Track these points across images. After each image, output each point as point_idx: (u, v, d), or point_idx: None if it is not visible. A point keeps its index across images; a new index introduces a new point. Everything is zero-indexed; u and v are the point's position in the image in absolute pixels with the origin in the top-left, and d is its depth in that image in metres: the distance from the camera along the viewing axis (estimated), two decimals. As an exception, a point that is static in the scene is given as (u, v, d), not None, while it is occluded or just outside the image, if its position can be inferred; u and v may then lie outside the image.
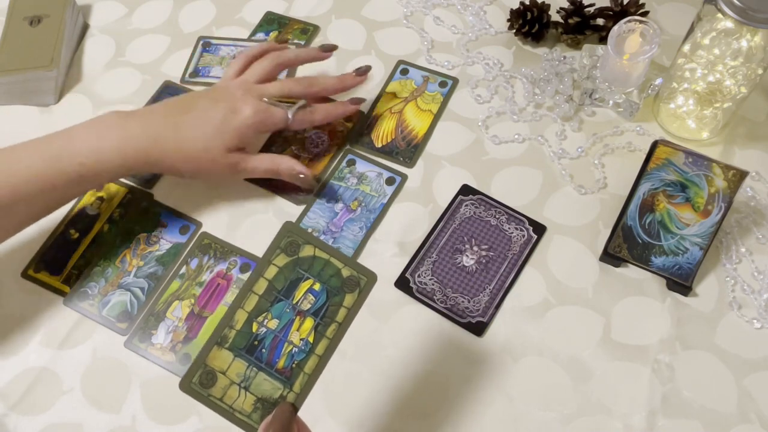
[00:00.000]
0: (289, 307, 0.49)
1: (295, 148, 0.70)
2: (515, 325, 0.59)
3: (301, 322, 0.49)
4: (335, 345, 0.48)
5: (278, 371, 0.47)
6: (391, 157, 0.69)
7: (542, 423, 0.55)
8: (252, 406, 0.47)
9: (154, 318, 0.61)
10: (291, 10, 0.82)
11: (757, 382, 0.56)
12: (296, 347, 0.48)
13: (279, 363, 0.48)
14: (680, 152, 0.61)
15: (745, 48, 0.59)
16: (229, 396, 0.47)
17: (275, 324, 0.48)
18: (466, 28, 0.79)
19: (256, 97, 0.62)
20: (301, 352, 0.48)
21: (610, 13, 0.75)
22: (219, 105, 0.60)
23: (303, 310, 0.49)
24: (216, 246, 0.64)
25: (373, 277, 0.49)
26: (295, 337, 0.48)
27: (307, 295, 0.49)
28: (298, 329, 0.48)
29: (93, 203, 0.68)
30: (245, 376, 0.47)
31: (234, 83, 0.63)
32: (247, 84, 0.63)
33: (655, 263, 0.60)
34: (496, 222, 0.64)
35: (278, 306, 0.49)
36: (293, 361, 0.48)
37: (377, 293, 0.59)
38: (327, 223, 0.65)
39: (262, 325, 0.48)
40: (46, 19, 0.78)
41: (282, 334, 0.48)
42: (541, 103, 0.72)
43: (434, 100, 0.73)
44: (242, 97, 0.61)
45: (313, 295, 0.49)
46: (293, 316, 0.49)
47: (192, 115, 0.60)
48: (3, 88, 0.74)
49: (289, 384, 0.47)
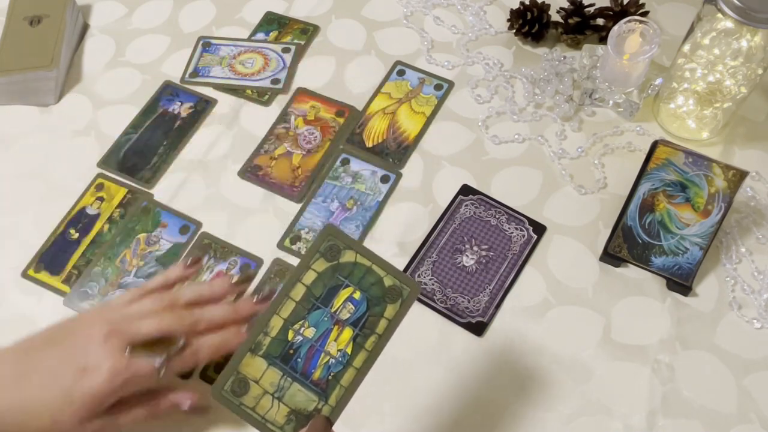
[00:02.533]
0: (327, 316, 0.46)
1: (287, 144, 0.70)
2: (515, 325, 0.59)
3: (339, 332, 0.46)
4: (374, 358, 0.46)
5: (313, 382, 0.46)
6: (381, 158, 0.69)
7: (542, 423, 0.55)
8: (285, 417, 0.45)
9: None
10: (291, 10, 0.82)
11: (757, 382, 0.56)
12: (333, 358, 0.46)
13: (315, 374, 0.46)
14: (680, 152, 0.61)
15: (745, 48, 0.59)
16: (262, 406, 0.45)
17: (312, 333, 0.46)
18: (466, 28, 0.79)
19: (119, 344, 0.49)
20: (339, 364, 0.46)
21: (610, 13, 0.75)
22: (68, 363, 0.48)
23: (342, 320, 0.46)
24: (216, 246, 0.64)
25: (416, 288, 0.47)
26: (332, 348, 0.46)
27: (347, 303, 0.47)
28: (336, 339, 0.46)
29: (93, 203, 0.68)
30: (279, 386, 0.46)
31: (100, 318, 0.51)
32: (114, 324, 0.50)
33: (655, 263, 0.60)
34: (496, 222, 0.64)
35: (316, 314, 0.46)
36: (329, 372, 0.46)
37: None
38: (323, 223, 0.65)
39: (298, 333, 0.46)
40: (46, 19, 0.78)
41: (319, 344, 0.46)
42: (541, 103, 0.72)
43: (428, 103, 0.73)
44: (100, 347, 0.48)
45: (353, 304, 0.47)
46: (331, 326, 0.46)
47: (36, 377, 0.48)
48: (3, 88, 0.74)
49: (324, 396, 0.45)
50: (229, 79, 0.76)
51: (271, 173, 0.69)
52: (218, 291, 0.55)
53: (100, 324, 0.50)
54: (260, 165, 0.69)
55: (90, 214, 0.67)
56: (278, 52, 0.78)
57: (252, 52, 0.78)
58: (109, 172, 0.70)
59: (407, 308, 0.47)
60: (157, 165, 0.70)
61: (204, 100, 0.75)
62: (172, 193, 0.68)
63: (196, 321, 0.52)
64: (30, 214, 0.67)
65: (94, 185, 0.69)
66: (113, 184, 0.69)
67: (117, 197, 0.68)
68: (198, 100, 0.74)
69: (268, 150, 0.70)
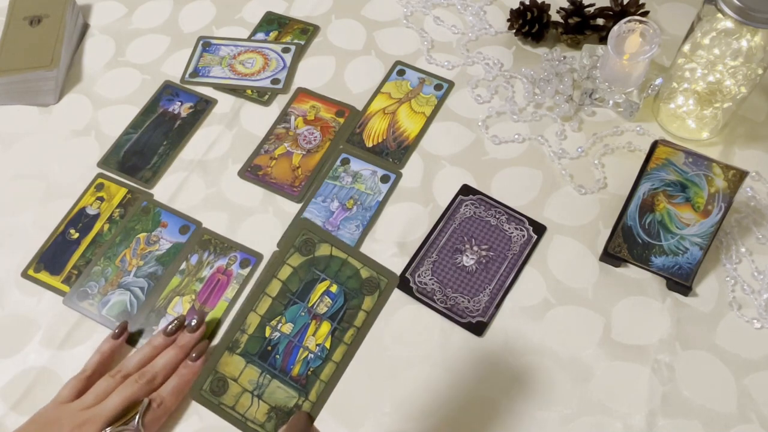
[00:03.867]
0: (305, 311, 0.46)
1: (287, 144, 0.70)
2: (515, 325, 0.59)
3: (317, 326, 0.46)
4: (353, 351, 0.46)
5: (293, 379, 0.45)
6: (381, 158, 0.69)
7: (542, 423, 0.55)
8: (265, 415, 0.45)
9: (155, 314, 0.61)
10: (291, 10, 0.82)
11: (757, 382, 0.56)
12: (312, 353, 0.45)
13: (294, 370, 0.45)
14: (680, 152, 0.61)
15: (745, 48, 0.59)
16: (242, 404, 0.45)
17: (290, 328, 0.46)
18: (466, 28, 0.79)
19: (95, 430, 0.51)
20: (318, 359, 0.45)
21: (610, 13, 0.75)
22: None
23: (319, 314, 0.46)
24: (216, 242, 0.64)
25: (394, 279, 0.47)
26: (310, 343, 0.46)
27: (324, 297, 0.46)
28: (314, 334, 0.46)
29: (93, 203, 0.68)
30: (258, 384, 0.45)
31: (67, 413, 0.52)
32: (83, 415, 0.52)
33: (655, 263, 0.60)
34: (496, 222, 0.64)
35: (293, 309, 0.46)
36: (309, 368, 0.45)
37: (377, 293, 0.60)
38: (323, 222, 0.65)
39: (275, 330, 0.46)
40: (46, 19, 0.78)
41: (297, 339, 0.46)
42: (541, 103, 0.72)
43: (428, 103, 0.73)
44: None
45: (330, 297, 0.46)
46: (309, 320, 0.46)
47: None
48: (3, 88, 0.74)
49: (304, 392, 0.45)
50: (229, 79, 0.76)
51: (271, 173, 0.69)
52: (159, 345, 0.57)
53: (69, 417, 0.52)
54: (260, 165, 0.69)
55: (90, 214, 0.67)
56: (278, 52, 0.78)
57: (252, 52, 0.78)
58: (109, 172, 0.70)
59: (385, 299, 0.47)
60: (157, 165, 0.70)
61: (204, 100, 0.75)
62: (173, 193, 0.68)
63: (152, 378, 0.55)
64: (30, 214, 0.67)
65: (94, 185, 0.69)
66: (113, 184, 0.69)
67: (117, 197, 0.68)
68: (198, 100, 0.74)
69: (268, 150, 0.70)
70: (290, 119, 0.73)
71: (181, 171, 0.70)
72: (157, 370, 0.56)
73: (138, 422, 0.52)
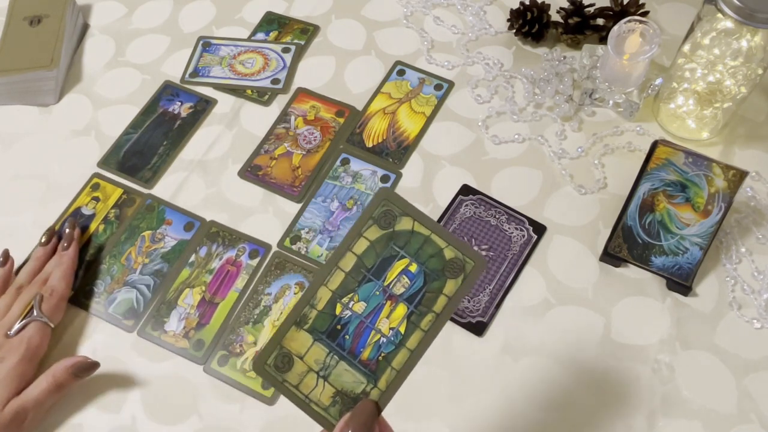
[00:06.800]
0: (380, 290, 0.42)
1: (287, 144, 0.70)
2: (515, 325, 0.59)
3: (393, 308, 0.41)
4: (430, 340, 0.41)
5: (362, 363, 0.41)
6: (381, 158, 0.69)
7: (542, 423, 0.55)
8: (330, 398, 0.41)
9: (166, 306, 0.61)
10: (291, 10, 0.82)
11: (757, 382, 0.56)
12: (385, 337, 0.41)
13: (364, 353, 0.41)
14: (680, 152, 0.61)
15: (745, 48, 0.59)
16: (306, 384, 0.41)
17: (362, 307, 0.42)
18: (466, 28, 0.79)
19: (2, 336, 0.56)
20: (390, 344, 0.41)
21: (610, 13, 0.75)
22: None
23: (395, 295, 0.41)
24: (224, 234, 0.64)
25: (482, 263, 0.42)
26: (384, 326, 0.41)
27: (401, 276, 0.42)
28: (388, 316, 0.41)
29: (88, 203, 0.68)
30: (325, 364, 0.41)
31: None
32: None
33: (655, 263, 0.60)
34: (496, 222, 0.64)
35: (367, 287, 0.42)
36: (380, 352, 0.41)
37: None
38: (323, 222, 0.65)
39: (346, 308, 0.42)
40: (46, 19, 0.78)
41: (369, 321, 0.41)
42: (541, 103, 0.72)
43: (428, 103, 0.73)
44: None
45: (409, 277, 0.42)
46: (383, 301, 0.42)
47: None
48: (3, 88, 0.74)
49: (373, 379, 0.41)
50: (229, 79, 0.76)
51: (271, 173, 0.69)
52: (42, 256, 0.62)
53: None
54: (260, 165, 0.69)
55: (85, 214, 0.67)
56: (278, 52, 0.78)
57: (252, 52, 0.78)
58: (108, 172, 0.70)
59: (470, 285, 0.42)
60: (157, 165, 0.70)
61: (204, 100, 0.75)
62: (173, 193, 0.68)
63: (41, 277, 0.60)
64: (30, 214, 0.67)
65: (89, 185, 0.69)
66: (109, 184, 0.69)
67: (113, 197, 0.68)
68: (198, 100, 0.74)
69: (268, 150, 0.70)
70: (290, 119, 0.73)
71: (181, 171, 0.70)
72: (48, 271, 0.61)
73: (37, 312, 0.57)
